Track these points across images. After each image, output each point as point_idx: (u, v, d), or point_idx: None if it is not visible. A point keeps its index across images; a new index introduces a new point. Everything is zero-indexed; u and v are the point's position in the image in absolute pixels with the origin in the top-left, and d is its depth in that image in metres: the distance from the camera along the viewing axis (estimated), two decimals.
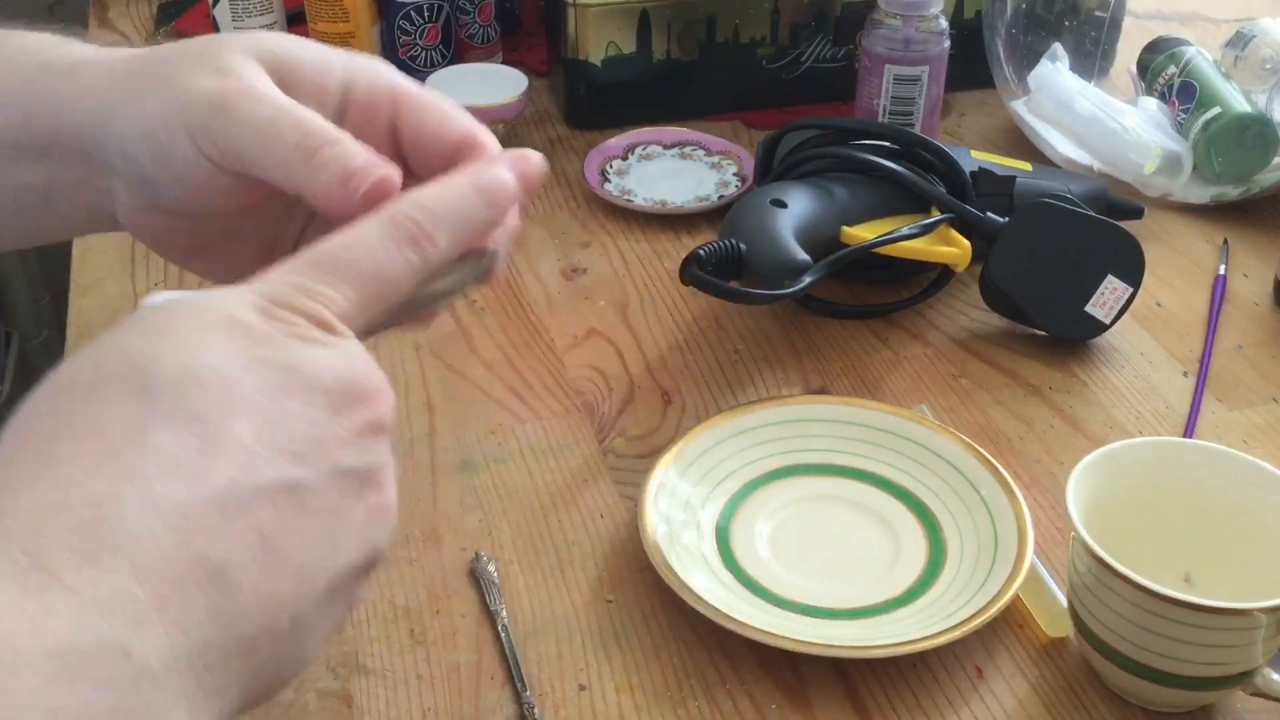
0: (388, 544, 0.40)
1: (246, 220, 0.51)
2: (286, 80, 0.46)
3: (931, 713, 0.60)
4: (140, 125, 0.46)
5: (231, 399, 0.35)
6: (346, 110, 0.48)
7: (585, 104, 1.09)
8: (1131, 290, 0.82)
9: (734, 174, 1.02)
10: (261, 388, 0.35)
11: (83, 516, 0.32)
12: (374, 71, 0.48)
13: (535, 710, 0.59)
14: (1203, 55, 1.05)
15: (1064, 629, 0.63)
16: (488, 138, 0.47)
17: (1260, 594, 0.55)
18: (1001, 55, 1.08)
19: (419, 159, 0.48)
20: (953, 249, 0.83)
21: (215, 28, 1.12)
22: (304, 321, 0.38)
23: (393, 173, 0.44)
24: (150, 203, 0.49)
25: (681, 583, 0.63)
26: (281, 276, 0.39)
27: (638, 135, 1.06)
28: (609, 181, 1.01)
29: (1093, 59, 1.12)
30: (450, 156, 0.46)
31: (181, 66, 0.46)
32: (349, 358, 0.39)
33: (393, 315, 0.43)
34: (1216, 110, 1.00)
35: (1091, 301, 0.82)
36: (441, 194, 0.42)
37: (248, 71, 0.46)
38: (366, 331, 0.41)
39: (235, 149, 0.45)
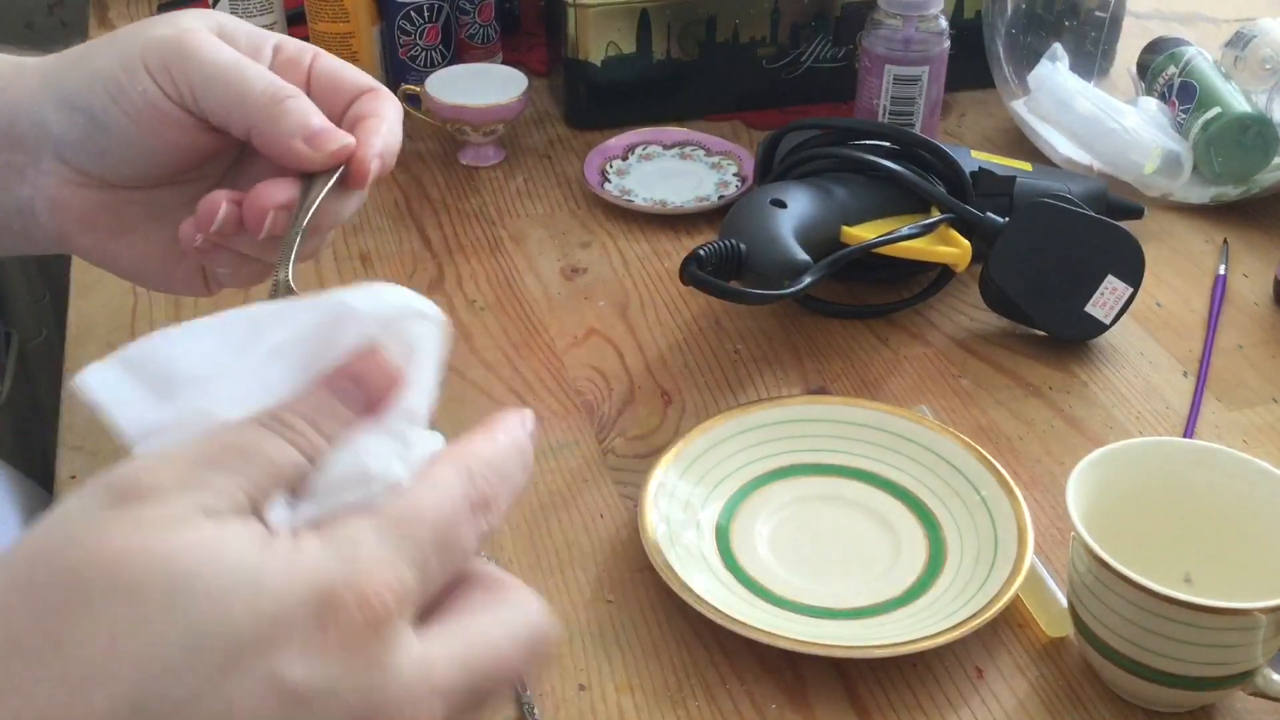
0: None
1: (171, 196, 0.53)
2: (227, 38, 0.52)
3: (931, 713, 0.60)
4: (98, 72, 0.49)
5: None
6: (274, 63, 0.53)
7: (585, 104, 1.09)
8: (1131, 290, 0.82)
9: (734, 174, 1.02)
10: None
11: None
12: (296, 44, 0.54)
13: (535, 710, 0.59)
14: (1203, 55, 1.05)
15: (1064, 629, 0.63)
16: (384, 89, 0.53)
17: (1260, 594, 0.55)
18: (1001, 55, 1.08)
19: (324, 100, 0.52)
20: (953, 249, 0.83)
21: None
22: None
23: (352, 141, 0.50)
24: (80, 172, 0.52)
25: (681, 583, 0.63)
26: (365, 535, 0.33)
27: (638, 135, 1.06)
28: (609, 181, 1.01)
29: (1093, 59, 1.12)
30: (351, 99, 0.52)
31: (137, 27, 0.50)
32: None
33: None
34: (1216, 110, 1.00)
35: (1091, 301, 0.82)
36: (499, 452, 0.37)
37: (203, 28, 0.50)
38: None
39: (195, 89, 0.49)
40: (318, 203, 0.49)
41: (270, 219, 0.49)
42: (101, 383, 0.35)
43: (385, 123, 0.52)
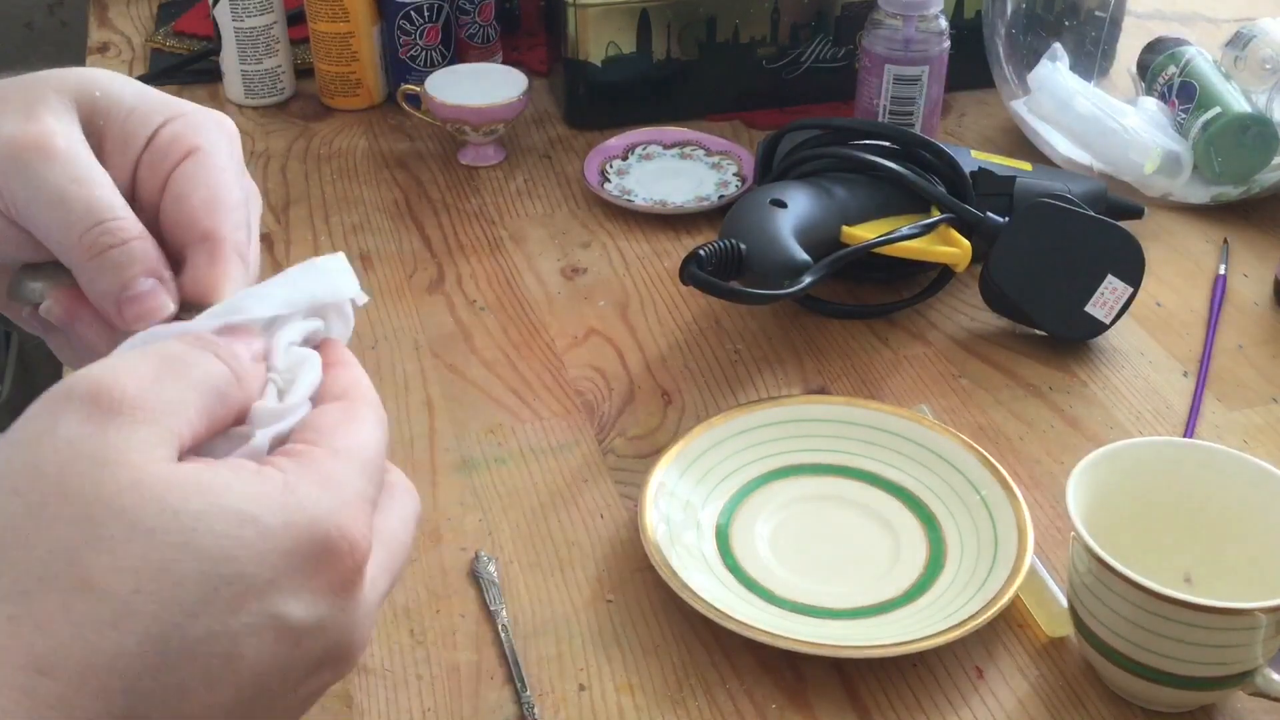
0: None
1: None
2: (98, 123, 0.43)
3: (931, 713, 0.60)
4: None
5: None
6: (142, 155, 0.44)
7: (585, 104, 1.09)
8: (1131, 290, 0.82)
9: (734, 174, 1.02)
10: (262, 659, 0.34)
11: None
12: (189, 127, 0.44)
13: (535, 710, 0.59)
14: (1203, 55, 1.05)
15: (1064, 629, 0.63)
16: (228, 246, 0.43)
17: (1260, 594, 0.55)
18: (1001, 55, 1.08)
19: (172, 222, 0.43)
20: (953, 249, 0.83)
21: (215, 28, 1.12)
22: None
23: (170, 307, 0.41)
24: None
25: (681, 583, 0.63)
26: (346, 477, 0.36)
27: (638, 135, 1.06)
28: (609, 181, 1.01)
29: (1093, 59, 1.12)
30: (191, 240, 0.43)
31: (2, 105, 0.43)
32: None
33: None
34: (1216, 110, 1.00)
35: (1091, 301, 0.82)
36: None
37: (54, 118, 0.42)
38: None
39: (20, 209, 0.41)
40: None
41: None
42: None
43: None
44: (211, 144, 0.44)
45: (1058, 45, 1.07)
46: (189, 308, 0.41)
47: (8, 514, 0.33)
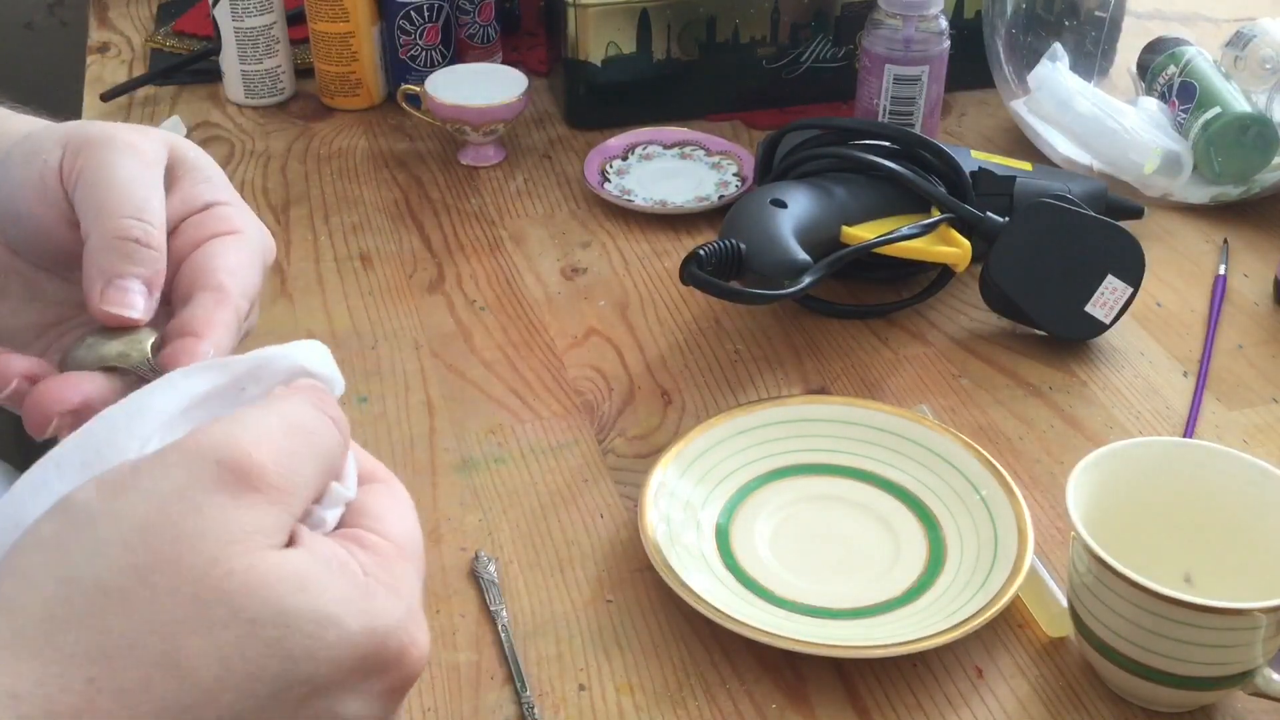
0: None
1: (54, 287, 0.48)
2: (175, 173, 0.47)
3: (931, 713, 0.60)
4: (35, 137, 0.46)
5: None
6: (193, 215, 0.47)
7: (585, 104, 1.09)
8: (1131, 290, 0.82)
9: (734, 174, 1.02)
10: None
11: None
12: (240, 214, 0.47)
13: (535, 710, 0.59)
14: (1203, 55, 1.05)
15: (1064, 629, 0.63)
16: (223, 295, 0.45)
17: (1260, 594, 0.55)
18: (1001, 55, 1.08)
19: (193, 266, 0.46)
20: (953, 249, 0.83)
21: (215, 28, 1.12)
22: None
23: (140, 320, 0.43)
24: None
25: (681, 583, 0.63)
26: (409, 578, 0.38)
27: (638, 135, 1.06)
28: (609, 181, 1.01)
29: (1093, 59, 1.12)
30: (202, 285, 0.45)
31: (91, 122, 0.47)
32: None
33: None
34: (1216, 110, 1.00)
35: (1091, 301, 0.82)
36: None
37: (152, 143, 0.46)
38: None
39: (80, 175, 0.44)
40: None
41: (54, 425, 0.42)
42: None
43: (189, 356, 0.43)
44: (252, 235, 0.47)
45: (1058, 45, 1.07)
46: (153, 335, 0.43)
47: (114, 569, 0.33)
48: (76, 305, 0.48)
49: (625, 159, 1.04)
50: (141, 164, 0.45)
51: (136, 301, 0.43)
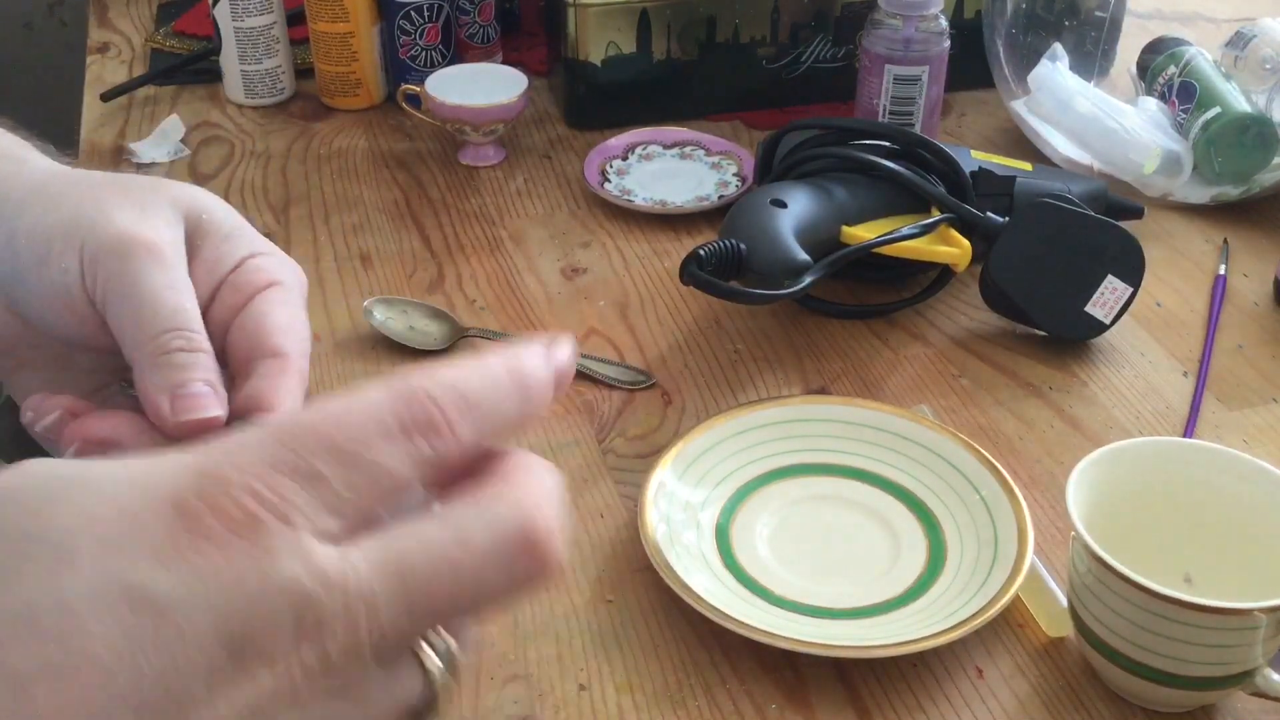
0: None
1: (82, 356, 0.48)
2: (196, 241, 0.46)
3: (931, 713, 0.60)
4: (44, 228, 0.45)
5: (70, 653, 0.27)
6: (228, 276, 0.46)
7: (585, 104, 1.09)
8: (1131, 290, 0.82)
9: (734, 174, 1.02)
10: (118, 640, 0.27)
11: None
12: (273, 264, 0.46)
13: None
14: (1203, 55, 1.05)
15: (1064, 629, 0.63)
16: (285, 361, 0.44)
17: (1260, 594, 0.55)
18: (1001, 55, 1.08)
19: (239, 342, 0.45)
20: (953, 249, 0.83)
21: (215, 28, 1.12)
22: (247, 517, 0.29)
23: (220, 417, 0.41)
24: (4, 297, 0.47)
25: (681, 583, 0.63)
26: (251, 449, 0.30)
27: (638, 135, 1.06)
28: (609, 181, 1.01)
29: (1093, 59, 1.12)
30: (261, 354, 0.44)
31: (112, 192, 0.45)
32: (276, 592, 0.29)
33: None
34: (1216, 110, 1.00)
35: (1091, 301, 0.82)
36: (472, 376, 0.33)
37: (165, 224, 0.45)
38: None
39: (108, 295, 0.43)
40: None
41: (75, 448, 0.42)
42: None
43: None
44: (291, 282, 0.46)
45: (1058, 45, 1.07)
46: (233, 420, 0.42)
47: None
48: (111, 372, 0.48)
49: (625, 159, 1.04)
50: (163, 267, 0.43)
51: (209, 403, 0.42)
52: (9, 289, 0.47)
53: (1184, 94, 1.03)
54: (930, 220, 0.83)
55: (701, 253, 0.76)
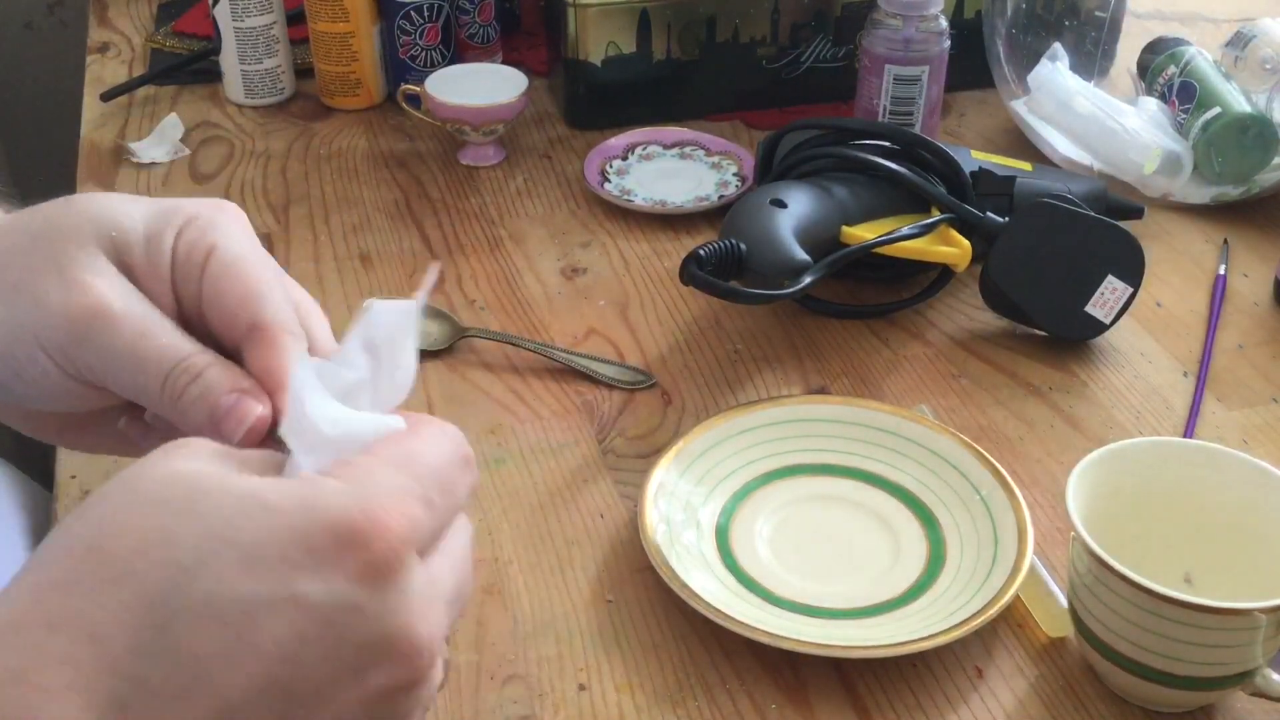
0: None
1: (117, 404, 0.48)
2: (124, 259, 0.44)
3: (931, 713, 0.60)
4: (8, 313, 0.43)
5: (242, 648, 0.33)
6: (172, 275, 0.45)
7: (585, 104, 1.09)
8: (1131, 290, 0.82)
9: (734, 174, 1.02)
10: (286, 637, 0.33)
11: None
12: (198, 230, 0.45)
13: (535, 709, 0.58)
14: (1203, 55, 1.05)
15: (1064, 629, 0.63)
16: (276, 329, 0.44)
17: (1260, 594, 0.55)
18: (1001, 55, 1.08)
19: (218, 323, 0.45)
20: (953, 249, 0.83)
21: (215, 28, 1.12)
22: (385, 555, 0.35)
23: (265, 412, 0.42)
24: (5, 402, 0.47)
25: (681, 583, 0.63)
26: (381, 473, 0.36)
27: (638, 135, 1.06)
28: (609, 181, 1.01)
29: (1093, 59, 1.12)
30: (241, 335, 0.44)
31: (31, 270, 0.43)
32: (404, 608, 0.36)
33: None
34: (1216, 110, 1.00)
35: (1091, 301, 0.82)
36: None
37: (97, 282, 0.43)
38: None
39: (96, 373, 0.43)
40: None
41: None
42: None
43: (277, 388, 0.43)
44: (225, 237, 0.45)
45: (1058, 45, 1.07)
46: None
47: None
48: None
49: (625, 159, 1.04)
50: (120, 323, 0.43)
51: (246, 410, 0.42)
52: (3, 396, 0.46)
53: (1184, 94, 1.03)
54: (930, 220, 0.83)
55: (701, 253, 0.76)
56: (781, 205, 0.80)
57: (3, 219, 0.46)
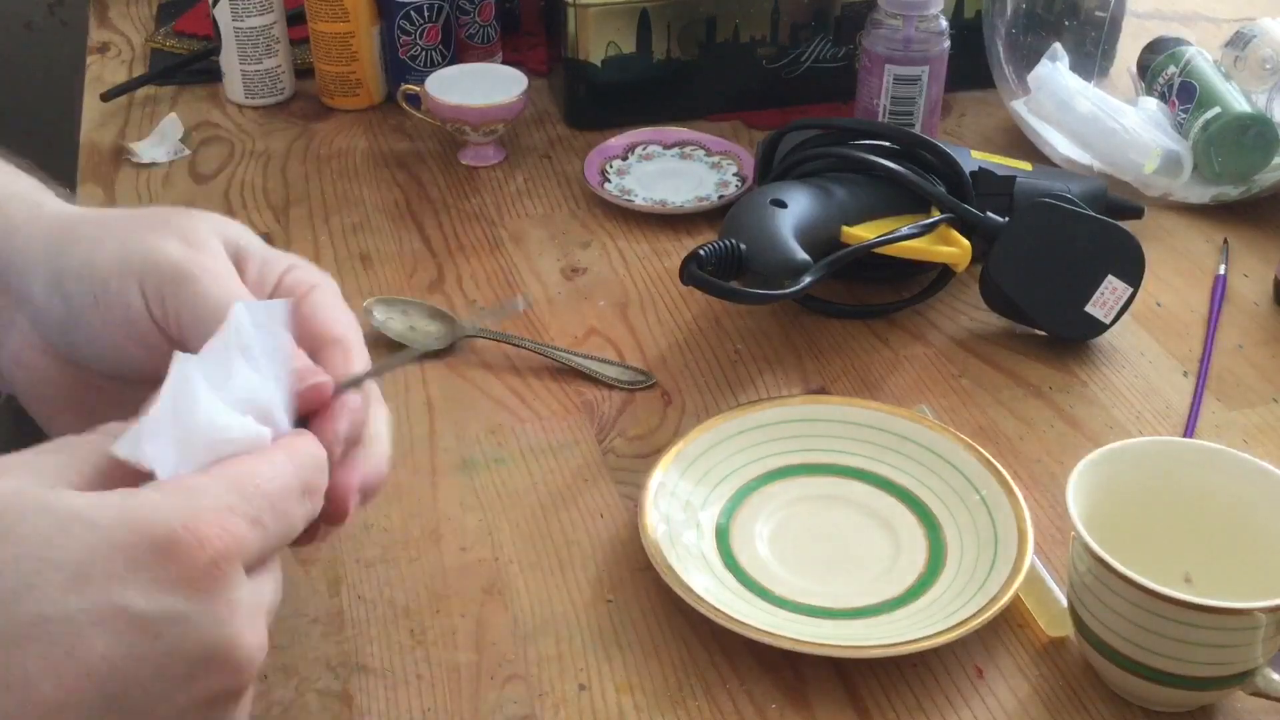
0: None
1: (139, 392, 0.50)
2: (240, 263, 0.50)
3: (931, 713, 0.60)
4: (94, 265, 0.47)
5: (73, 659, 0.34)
6: (274, 293, 0.50)
7: (585, 104, 1.09)
8: (1131, 290, 0.82)
9: (734, 174, 1.02)
10: (115, 651, 0.35)
11: None
12: (307, 273, 0.51)
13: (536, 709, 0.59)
14: (1203, 55, 1.05)
15: (1064, 629, 0.63)
16: (348, 345, 0.49)
17: (1260, 594, 0.55)
18: (1001, 55, 1.08)
19: (303, 332, 0.49)
20: (953, 249, 0.83)
21: (215, 28, 1.12)
22: (206, 562, 0.36)
23: (326, 381, 0.46)
24: (50, 343, 0.50)
25: (681, 583, 0.63)
26: (208, 488, 0.38)
27: (638, 135, 1.06)
28: (609, 181, 1.01)
29: (1093, 59, 1.12)
30: (322, 343, 0.49)
31: (153, 225, 0.48)
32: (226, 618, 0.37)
33: None
34: (1216, 110, 1.00)
35: (1091, 301, 0.82)
36: (318, 459, 0.44)
37: (213, 249, 0.48)
38: None
39: (181, 317, 0.46)
40: None
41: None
42: (134, 449, 0.39)
43: (355, 415, 0.48)
44: (328, 284, 0.51)
45: (1058, 45, 1.07)
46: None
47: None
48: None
49: (625, 159, 1.04)
50: (225, 286, 0.47)
51: (312, 369, 0.46)
52: (62, 333, 0.49)
53: (1184, 94, 1.03)
54: (930, 220, 0.83)
55: (701, 253, 0.76)
56: (781, 205, 0.80)
57: (71, 206, 0.51)
